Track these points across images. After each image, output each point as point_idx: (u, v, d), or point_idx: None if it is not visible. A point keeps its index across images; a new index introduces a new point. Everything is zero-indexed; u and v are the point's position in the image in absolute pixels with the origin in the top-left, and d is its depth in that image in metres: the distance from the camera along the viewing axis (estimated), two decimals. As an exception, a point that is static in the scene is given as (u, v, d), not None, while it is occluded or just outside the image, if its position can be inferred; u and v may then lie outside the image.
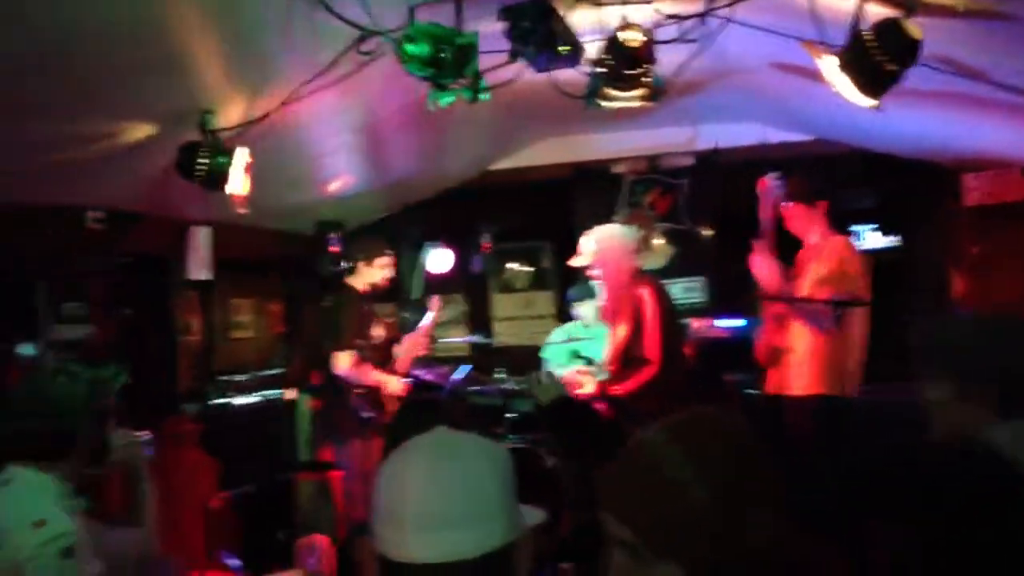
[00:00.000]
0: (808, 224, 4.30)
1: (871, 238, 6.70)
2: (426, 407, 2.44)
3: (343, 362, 4.90)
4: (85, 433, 2.35)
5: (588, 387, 4.66)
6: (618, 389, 4.46)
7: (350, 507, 4.93)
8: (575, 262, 4.72)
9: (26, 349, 4.62)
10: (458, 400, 5.01)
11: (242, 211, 4.05)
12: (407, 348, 5.36)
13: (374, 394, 4.96)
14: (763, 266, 4.23)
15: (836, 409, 3.95)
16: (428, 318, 5.56)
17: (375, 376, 4.98)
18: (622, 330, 4.47)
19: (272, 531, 5.42)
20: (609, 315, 4.63)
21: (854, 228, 6.48)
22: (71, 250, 4.46)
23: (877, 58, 2.83)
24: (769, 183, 4.29)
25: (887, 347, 4.34)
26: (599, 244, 4.57)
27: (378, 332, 5.21)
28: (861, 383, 4.15)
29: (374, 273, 5.12)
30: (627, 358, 4.46)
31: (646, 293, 4.41)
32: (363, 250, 5.19)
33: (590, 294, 6.00)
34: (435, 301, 5.71)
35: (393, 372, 5.15)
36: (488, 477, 1.21)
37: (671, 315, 4.54)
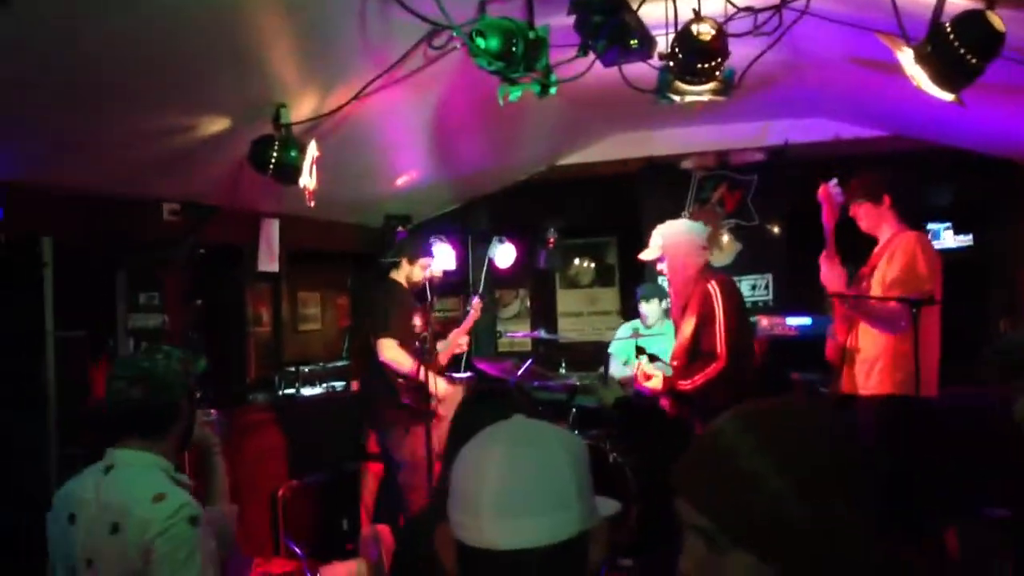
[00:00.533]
0: (878, 222, 4.23)
1: (945, 236, 6.53)
2: (495, 396, 2.43)
3: (386, 348, 4.97)
4: (183, 410, 2.39)
5: (655, 382, 4.64)
6: (685, 385, 4.43)
7: (408, 497, 5.00)
8: (644, 255, 4.73)
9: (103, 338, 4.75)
10: (523, 392, 5.02)
11: (311, 204, 4.11)
12: (450, 347, 5.44)
13: (417, 383, 5.00)
14: (829, 273, 4.19)
15: (910, 409, 3.86)
16: (468, 318, 5.62)
17: (416, 366, 5.01)
18: (689, 325, 4.45)
19: (338, 520, 5.51)
20: (677, 310, 4.61)
21: (929, 226, 6.32)
22: (148, 241, 4.57)
23: (958, 51, 2.75)
24: (829, 190, 4.23)
25: (960, 348, 4.25)
26: (666, 239, 4.57)
27: (417, 324, 5.25)
28: (937, 384, 4.06)
29: (415, 272, 5.18)
30: (694, 353, 4.43)
31: (714, 288, 4.38)
32: (408, 246, 5.27)
33: (660, 293, 5.98)
34: (476, 302, 5.81)
35: (435, 366, 5.18)
36: (565, 465, 1.21)
37: (740, 311, 4.51)
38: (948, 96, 2.97)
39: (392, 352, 4.97)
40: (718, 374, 4.30)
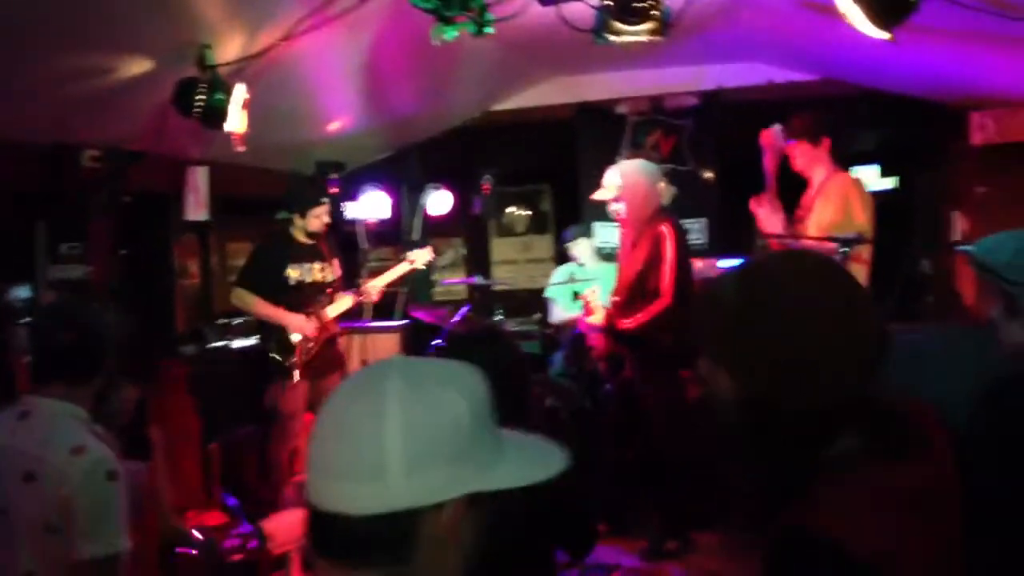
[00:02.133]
0: (813, 162, 4.28)
1: (872, 179, 6.65)
2: (485, 338, 2.39)
3: (233, 297, 5.09)
4: (109, 365, 2.31)
5: (597, 317, 4.70)
6: (627, 323, 4.48)
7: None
8: (598, 195, 4.72)
9: (23, 290, 4.58)
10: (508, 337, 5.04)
11: (240, 149, 4.00)
12: (347, 296, 5.32)
13: (280, 335, 5.03)
14: (770, 216, 4.24)
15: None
16: (398, 269, 5.53)
17: (266, 310, 5.02)
18: (635, 263, 4.49)
19: (268, 472, 5.45)
20: (627, 248, 4.63)
21: (857, 169, 6.42)
22: (68, 189, 4.39)
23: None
24: (773, 135, 4.26)
25: (886, 287, 4.35)
26: (625, 178, 4.57)
27: (312, 277, 5.15)
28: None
29: (310, 223, 5.09)
30: (637, 292, 4.48)
31: (667, 229, 4.44)
32: (296, 200, 5.15)
33: (586, 234, 6.01)
34: (423, 253, 5.65)
35: (315, 314, 5.11)
36: (394, 431, 1.08)
37: (686, 253, 4.56)
38: (882, 34, 2.99)
39: (236, 300, 5.06)
40: (661, 312, 4.36)
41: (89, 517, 2.09)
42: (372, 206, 6.63)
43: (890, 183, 6.76)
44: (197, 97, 3.71)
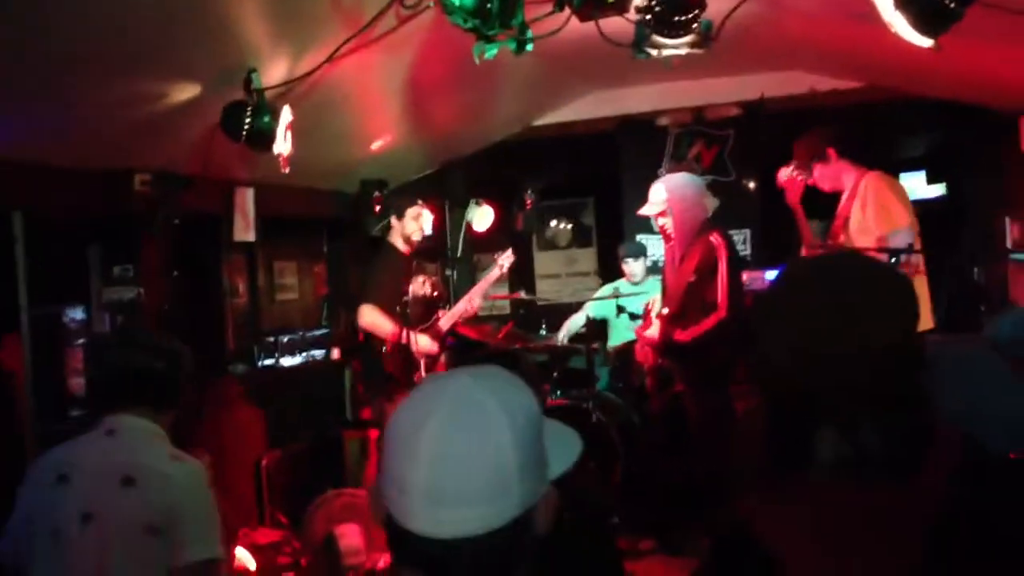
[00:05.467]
0: (836, 175, 4.26)
1: (919, 186, 6.56)
2: (502, 362, 2.41)
3: (364, 313, 4.94)
4: (187, 390, 2.40)
5: (653, 331, 4.67)
6: (683, 335, 4.45)
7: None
8: (644, 211, 4.68)
9: (77, 312, 4.68)
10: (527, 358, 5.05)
11: (285, 170, 4.05)
12: (459, 308, 5.34)
13: (404, 351, 4.97)
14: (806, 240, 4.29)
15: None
16: (491, 276, 5.51)
17: (396, 329, 4.98)
18: (687, 275, 4.45)
19: (321, 488, 5.50)
20: (673, 262, 4.60)
21: (903, 176, 6.34)
22: (121, 213, 4.49)
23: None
24: (788, 176, 4.26)
25: (938, 296, 4.28)
26: (671, 192, 4.54)
27: (423, 290, 5.20)
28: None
29: (407, 225, 5.11)
30: (690, 304, 4.44)
31: (718, 240, 4.41)
32: (392, 205, 5.22)
33: (644, 250, 5.99)
34: (509, 257, 5.60)
35: (433, 330, 5.15)
36: (508, 446, 1.09)
37: (738, 265, 4.53)
38: (926, 42, 2.96)
39: (369, 317, 4.95)
40: (716, 325, 4.32)
41: (194, 520, 2.16)
42: (426, 223, 6.67)
43: (938, 190, 6.65)
44: (244, 120, 3.77)
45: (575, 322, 6.17)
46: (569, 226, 7.89)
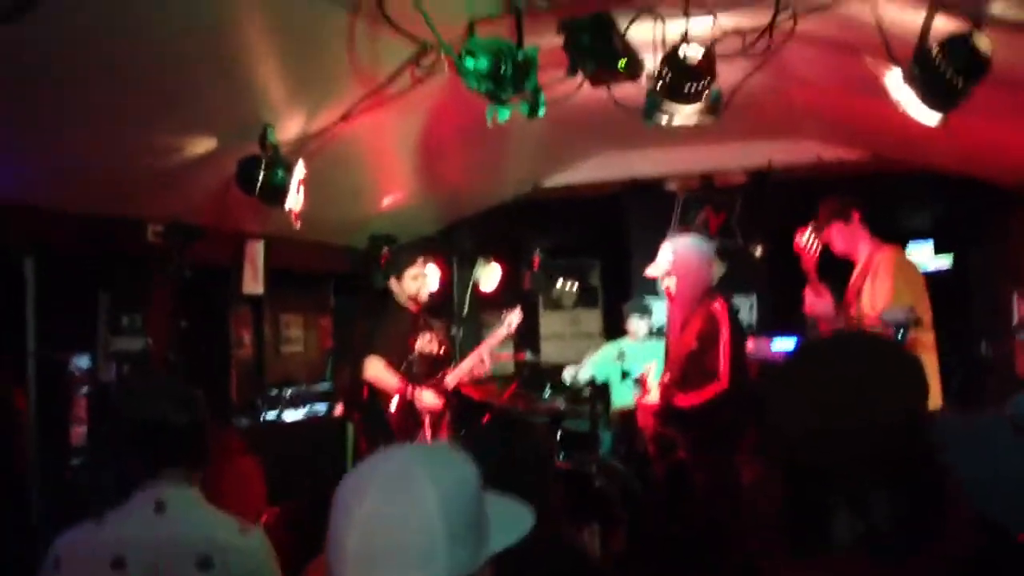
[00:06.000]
0: (852, 241, 4.28)
1: (927, 257, 6.58)
2: (504, 429, 2.40)
3: (369, 366, 4.92)
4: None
5: (652, 396, 4.65)
6: (683, 401, 4.43)
7: None
8: (651, 271, 4.70)
9: (83, 360, 4.69)
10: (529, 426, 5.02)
11: (297, 226, 4.08)
12: (465, 365, 5.34)
13: (408, 407, 4.94)
14: (815, 301, 4.26)
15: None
16: (499, 334, 5.50)
17: (401, 385, 4.97)
18: (689, 341, 4.45)
19: (320, 547, 5.42)
20: (677, 326, 4.60)
21: (910, 246, 6.36)
22: (131, 261, 4.52)
23: (945, 73, 2.77)
24: (805, 241, 4.29)
25: (946, 368, 4.26)
26: (678, 255, 4.55)
27: (429, 347, 5.20)
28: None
29: (407, 284, 5.13)
30: (690, 371, 4.43)
31: (720, 307, 4.40)
32: (395, 263, 5.23)
33: (647, 309, 5.99)
34: (516, 314, 5.59)
35: (438, 387, 5.13)
36: (435, 516, 1.15)
37: (740, 333, 4.52)
38: (934, 118, 3.00)
39: (374, 370, 4.94)
40: (716, 395, 4.30)
41: None
42: (433, 280, 6.70)
43: (944, 263, 6.66)
44: (259, 175, 3.82)
45: (580, 376, 6.17)
46: (575, 287, 7.90)
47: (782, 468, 1.39)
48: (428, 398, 5.00)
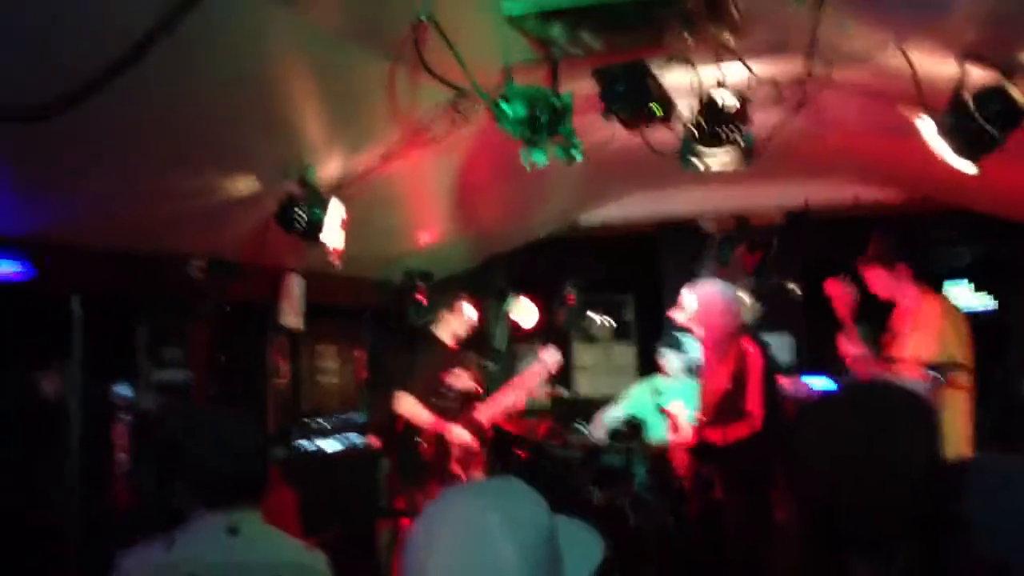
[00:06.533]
0: (892, 287, 4.25)
1: (966, 297, 6.51)
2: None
3: (402, 401, 4.96)
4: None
5: (684, 433, 4.67)
6: (716, 437, 4.44)
7: None
8: (676, 315, 4.73)
9: (123, 389, 4.78)
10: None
11: (336, 263, 4.16)
12: (500, 400, 5.36)
13: (440, 442, 4.98)
14: (852, 354, 4.26)
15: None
16: (534, 372, 5.50)
17: (434, 420, 5.00)
18: (722, 382, 4.47)
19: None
20: (709, 367, 4.62)
21: (948, 286, 6.30)
22: (173, 296, 4.62)
23: (980, 123, 2.79)
24: (838, 286, 4.28)
25: (985, 411, 4.22)
26: (700, 301, 4.59)
27: (464, 383, 5.24)
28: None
29: (455, 320, 5.19)
30: (724, 411, 4.45)
31: (752, 349, 4.44)
32: (444, 300, 5.29)
33: (676, 346, 5.99)
34: (552, 354, 5.54)
35: (470, 423, 5.15)
36: (513, 566, 1.13)
37: (772, 372, 4.54)
38: (967, 166, 3.01)
39: (407, 405, 4.99)
40: (749, 434, 4.31)
41: None
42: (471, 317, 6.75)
43: (986, 302, 6.59)
44: (297, 213, 3.91)
45: (613, 416, 6.14)
46: (609, 321, 7.91)
47: (804, 510, 1.45)
48: (460, 433, 5.04)
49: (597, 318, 7.76)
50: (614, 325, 7.78)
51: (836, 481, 1.37)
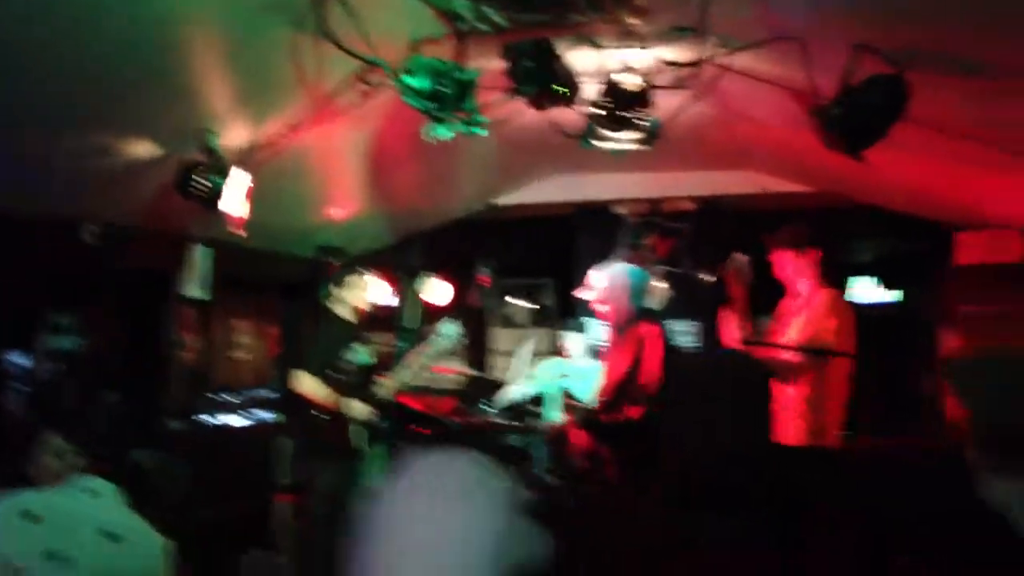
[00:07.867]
0: (797, 272, 4.27)
1: (869, 292, 6.69)
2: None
3: (298, 378, 4.93)
4: None
5: (579, 413, 4.74)
6: (610, 419, 4.52)
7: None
8: (582, 295, 4.80)
9: (18, 357, 4.66)
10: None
11: (238, 232, 4.09)
12: (397, 376, 5.31)
13: (338, 418, 4.95)
14: (728, 330, 4.28)
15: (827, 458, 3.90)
16: (426, 347, 5.47)
17: (330, 396, 4.97)
18: (620, 364, 4.53)
19: (246, 551, 5.40)
20: (610, 350, 4.69)
21: (852, 280, 6.47)
22: (66, 262, 4.49)
23: (863, 113, 2.87)
24: (737, 263, 4.31)
25: (878, 400, 4.36)
26: (610, 281, 4.65)
27: (361, 358, 5.19)
28: (840, 433, 4.09)
29: (348, 295, 5.13)
30: (622, 392, 4.52)
31: (649, 332, 4.50)
32: (340, 275, 5.23)
33: (580, 328, 6.05)
34: (448, 327, 5.46)
35: (369, 398, 5.12)
36: (492, 536, 1.24)
37: (671, 356, 4.63)
38: (852, 155, 3.09)
39: (304, 384, 4.92)
40: (641, 416, 4.39)
41: None
42: (372, 292, 6.71)
43: (893, 295, 6.77)
44: (196, 179, 3.84)
45: (518, 393, 6.18)
46: (526, 305, 7.95)
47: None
48: (358, 408, 5.00)
49: (516, 303, 7.80)
50: (534, 308, 7.84)
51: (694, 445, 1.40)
